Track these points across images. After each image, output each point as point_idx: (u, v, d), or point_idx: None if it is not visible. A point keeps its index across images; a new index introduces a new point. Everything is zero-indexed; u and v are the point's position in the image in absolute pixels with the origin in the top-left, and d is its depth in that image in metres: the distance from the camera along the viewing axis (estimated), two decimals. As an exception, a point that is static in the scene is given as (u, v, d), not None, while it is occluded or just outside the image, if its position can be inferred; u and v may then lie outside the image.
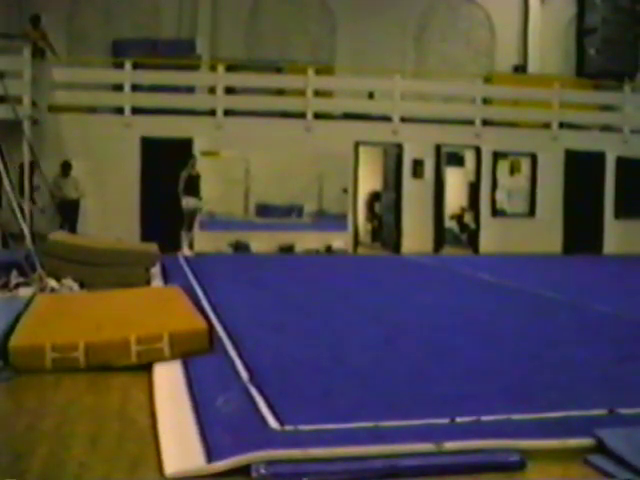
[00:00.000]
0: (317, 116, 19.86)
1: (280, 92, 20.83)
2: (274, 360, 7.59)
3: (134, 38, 21.65)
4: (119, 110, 19.18)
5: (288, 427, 5.44)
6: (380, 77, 21.14)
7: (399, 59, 23.65)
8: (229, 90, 19.97)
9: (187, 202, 18.10)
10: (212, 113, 19.49)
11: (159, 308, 9.20)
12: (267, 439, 5.20)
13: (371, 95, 21.63)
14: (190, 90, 20.61)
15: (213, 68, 20.11)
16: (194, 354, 7.49)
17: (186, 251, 17.94)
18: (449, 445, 5.16)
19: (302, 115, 19.75)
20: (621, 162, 21.63)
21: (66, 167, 18.13)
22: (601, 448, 5.28)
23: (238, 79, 20.54)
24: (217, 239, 19.13)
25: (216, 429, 5.40)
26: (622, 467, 5.02)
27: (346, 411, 5.90)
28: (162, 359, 7.34)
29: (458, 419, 5.68)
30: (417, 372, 7.33)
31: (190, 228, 18.36)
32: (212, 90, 19.89)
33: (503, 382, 7.05)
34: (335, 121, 20.25)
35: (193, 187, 18.18)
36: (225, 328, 8.90)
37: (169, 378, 6.89)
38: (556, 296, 12.85)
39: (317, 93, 20.09)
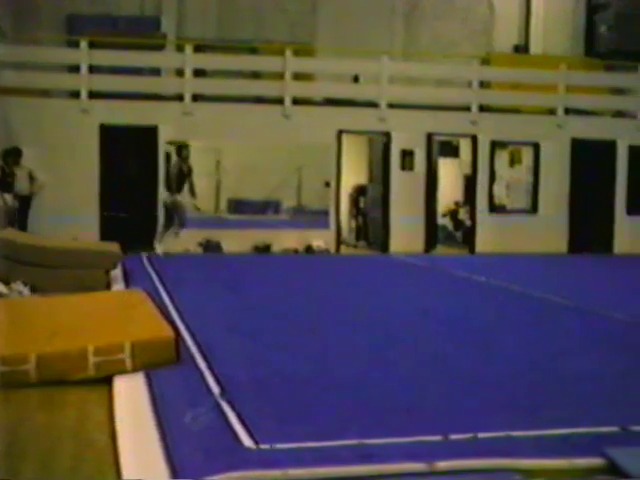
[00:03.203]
0: (296, 102, 19.84)
1: (255, 75, 20.81)
2: (248, 372, 7.58)
3: (91, 14, 21.56)
4: (75, 94, 19.10)
5: (264, 446, 5.44)
6: (366, 59, 21.13)
7: (387, 39, 23.66)
8: (198, 73, 19.92)
9: (180, 198, 18.17)
10: (179, 98, 19.43)
11: (120, 315, 9.15)
12: (240, 459, 5.20)
13: (356, 79, 21.62)
14: (155, 72, 20.57)
15: (180, 48, 20.06)
16: (159, 366, 7.46)
17: (159, 249, 17.95)
18: (442, 465, 5.17)
19: (279, 101, 19.73)
20: (634, 152, 21.68)
21: (13, 154, 17.76)
22: (612, 468, 5.30)
23: (208, 61, 20.49)
24: (185, 238, 19.05)
25: (183, 449, 5.39)
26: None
27: (329, 428, 5.90)
28: (123, 371, 7.31)
29: (452, 436, 5.70)
30: (407, 385, 7.34)
31: (168, 227, 18.37)
32: (179, 73, 19.83)
33: (502, 395, 7.07)
34: (316, 107, 20.24)
35: (182, 182, 18.21)
36: (194, 337, 8.89)
37: (131, 393, 6.86)
38: (561, 300, 12.89)
39: (296, 76, 20.05)
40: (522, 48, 24.72)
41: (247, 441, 5.54)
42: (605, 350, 9.27)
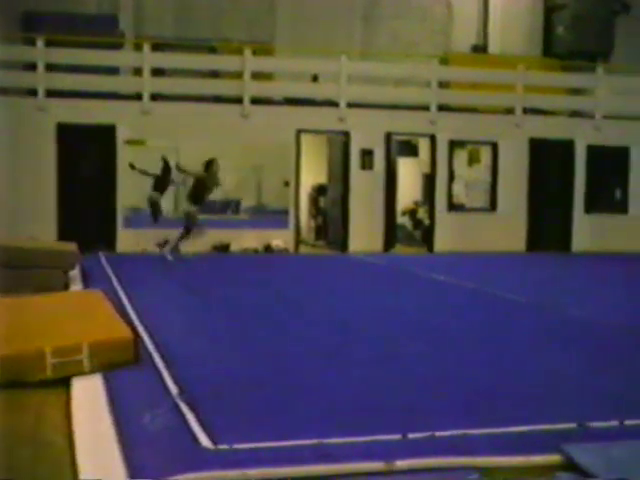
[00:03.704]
0: (255, 101, 19.82)
1: (214, 74, 20.75)
2: (207, 372, 7.56)
3: (48, 11, 21.34)
4: (31, 92, 18.95)
5: (222, 446, 5.43)
6: (325, 58, 21.15)
7: (346, 38, 23.65)
8: (157, 72, 19.84)
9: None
10: (138, 97, 19.34)
11: (78, 315, 9.11)
12: (199, 459, 5.18)
13: (315, 78, 21.62)
14: (113, 71, 20.43)
15: (138, 47, 19.96)
16: (117, 367, 7.43)
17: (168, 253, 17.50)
18: (400, 463, 5.19)
19: (238, 100, 19.70)
20: (592, 151, 21.88)
21: None
22: (570, 465, 5.34)
23: (166, 59, 20.40)
24: (142, 238, 18.97)
25: (141, 450, 5.37)
26: (594, 485, 5.09)
27: (287, 428, 5.89)
28: (81, 373, 7.28)
29: (410, 435, 5.71)
30: (366, 384, 7.35)
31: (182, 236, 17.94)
32: (137, 71, 19.75)
33: (460, 393, 7.10)
34: (275, 107, 20.23)
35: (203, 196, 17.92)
36: (153, 337, 8.85)
37: (89, 394, 6.83)
38: (520, 299, 12.99)
39: (255, 76, 20.02)
40: (480, 48, 24.82)
41: (205, 441, 5.52)
42: (564, 348, 9.33)
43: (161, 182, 20.49)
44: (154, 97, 19.37)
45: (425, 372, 7.85)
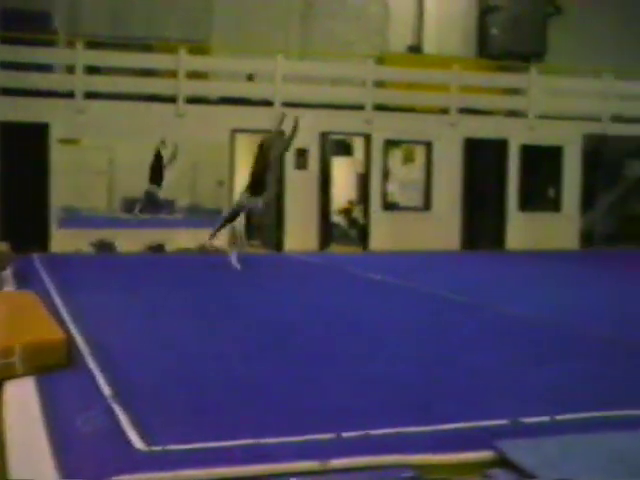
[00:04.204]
0: (190, 100, 19.72)
1: (149, 73, 20.59)
2: (141, 374, 7.52)
3: (-21, 7, 21.05)
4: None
5: (156, 447, 5.41)
6: (261, 58, 21.11)
7: (282, 38, 23.65)
8: (91, 70, 19.63)
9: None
10: (71, 95, 19.12)
11: (10, 317, 9.01)
12: (132, 461, 5.17)
13: (251, 77, 21.57)
14: (46, 69, 20.17)
15: (71, 45, 19.74)
16: (51, 369, 7.36)
17: (234, 260, 16.40)
18: (335, 462, 5.21)
19: (173, 99, 19.58)
20: (526, 150, 22.14)
21: None
22: (503, 461, 5.38)
23: (100, 57, 20.15)
24: (77, 238, 18.79)
25: (73, 452, 5.34)
26: (525, 480, 5.13)
27: (222, 428, 5.90)
28: (13, 375, 7.21)
29: (344, 434, 5.73)
30: (301, 383, 7.36)
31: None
32: (71, 69, 19.51)
33: (395, 391, 7.14)
34: (210, 106, 20.13)
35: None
36: (86, 339, 8.79)
37: (21, 397, 6.77)
38: (454, 296, 13.08)
39: (190, 75, 19.93)
40: (416, 48, 24.98)
41: (138, 443, 5.49)
42: (498, 345, 9.42)
43: (156, 174, 20.41)
44: (88, 95, 19.15)
45: (359, 371, 7.87)
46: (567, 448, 5.60)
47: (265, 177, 16.61)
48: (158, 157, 20.40)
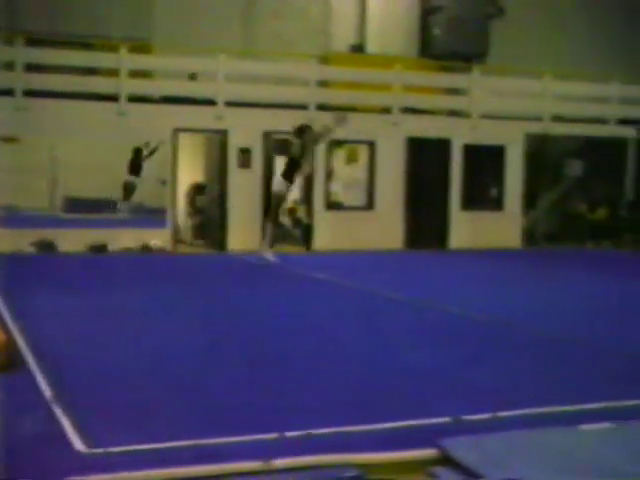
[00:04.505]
0: (132, 99, 19.56)
1: (90, 71, 20.39)
2: (83, 375, 7.46)
3: None
4: None
5: (97, 450, 5.36)
6: (203, 56, 21.01)
7: (225, 37, 23.52)
8: (31, 67, 19.38)
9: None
10: (10, 93, 18.86)
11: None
12: (72, 463, 5.12)
13: (193, 77, 21.46)
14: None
15: (10, 42, 19.47)
16: (-10, 370, 7.26)
17: (267, 252, 16.51)
18: (278, 462, 5.19)
19: (115, 98, 19.41)
20: (469, 150, 22.29)
21: None
22: (446, 459, 5.41)
23: (40, 55, 19.90)
24: (17, 237, 18.54)
25: (13, 455, 5.24)
26: (467, 477, 5.15)
27: (165, 429, 5.87)
28: (-49, 377, 7.08)
29: (288, 434, 5.71)
30: (243, 383, 7.35)
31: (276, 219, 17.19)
32: (10, 66, 19.24)
33: (338, 391, 7.15)
34: (152, 105, 19.98)
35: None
36: (28, 340, 8.69)
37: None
38: (397, 296, 13.12)
39: (132, 73, 19.77)
40: (359, 48, 25.00)
41: (79, 445, 5.44)
42: (440, 344, 9.47)
43: (135, 167, 20.47)
44: (29, 93, 18.91)
45: (302, 371, 7.88)
46: (509, 445, 5.65)
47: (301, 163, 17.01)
48: (138, 153, 20.46)
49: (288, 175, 17.16)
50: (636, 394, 7.13)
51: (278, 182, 17.26)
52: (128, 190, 21.21)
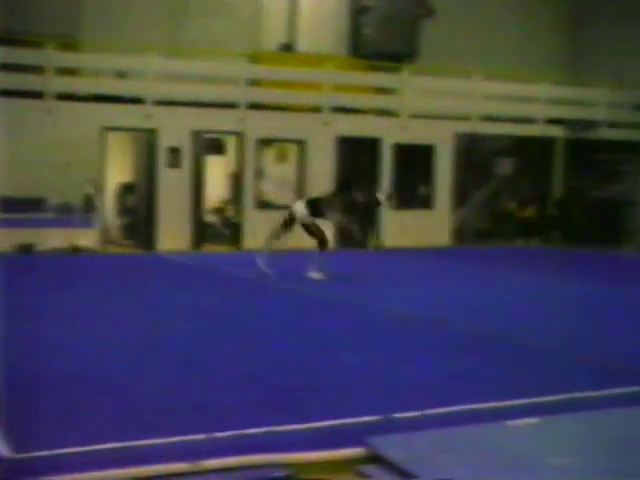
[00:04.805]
0: (59, 97, 19.32)
1: (17, 68, 20.09)
2: (6, 378, 7.31)
3: None
4: None
5: (21, 454, 5.28)
6: (132, 54, 20.81)
7: (154, 35, 23.32)
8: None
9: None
10: None
11: None
12: (-3, 469, 5.02)
13: (122, 75, 21.26)
14: None
15: None
16: None
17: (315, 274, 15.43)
18: (207, 463, 5.16)
19: (41, 95, 19.15)
20: (399, 149, 22.40)
21: None
22: (375, 457, 5.43)
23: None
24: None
25: None
26: (397, 475, 5.17)
27: (91, 432, 5.80)
28: None
29: (217, 434, 5.68)
30: (172, 384, 7.31)
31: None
32: None
33: (267, 391, 7.14)
34: (80, 103, 19.77)
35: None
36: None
37: None
38: (327, 295, 13.15)
39: (60, 70, 19.52)
40: (289, 47, 24.96)
41: (3, 450, 5.35)
42: (369, 343, 9.51)
43: None
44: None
45: (231, 371, 7.85)
46: (438, 442, 5.69)
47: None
48: None
49: (313, 212, 16.10)
50: (563, 389, 7.24)
51: (302, 210, 16.14)
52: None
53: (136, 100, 20.09)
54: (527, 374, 8.07)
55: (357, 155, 22.12)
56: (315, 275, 15.32)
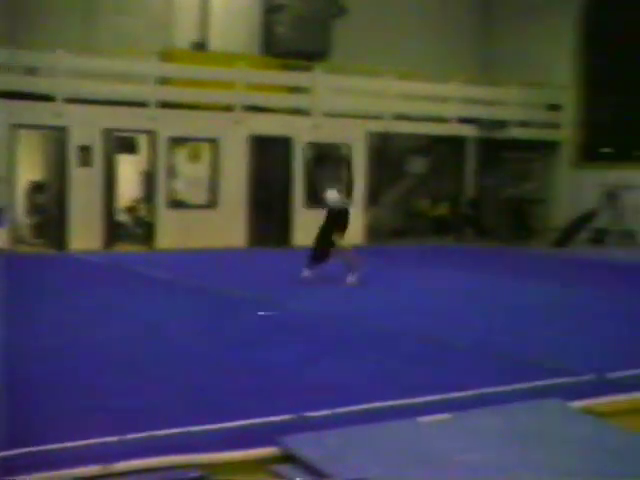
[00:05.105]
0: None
1: None
2: None
3: None
4: None
5: None
6: (42, 51, 20.50)
7: (65, 31, 22.99)
8: None
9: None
10: None
11: None
12: None
13: (32, 71, 20.94)
14: None
15: None
16: None
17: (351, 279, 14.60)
18: (119, 466, 5.12)
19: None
20: (312, 148, 22.44)
21: None
22: (288, 456, 5.45)
23: None
24: None
25: None
26: (310, 474, 5.20)
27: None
28: None
29: (129, 436, 5.64)
30: (83, 385, 7.22)
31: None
32: None
33: (179, 390, 7.11)
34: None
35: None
36: None
37: None
38: (241, 294, 13.14)
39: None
40: (201, 45, 24.80)
41: None
42: (280, 340, 9.53)
43: None
44: None
45: (145, 372, 7.80)
46: (350, 440, 5.72)
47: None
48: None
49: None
50: (473, 385, 7.35)
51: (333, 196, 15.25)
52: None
53: (46, 98, 19.82)
54: (438, 371, 8.16)
55: (270, 154, 22.13)
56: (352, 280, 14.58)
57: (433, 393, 7.01)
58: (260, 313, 12.76)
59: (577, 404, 6.81)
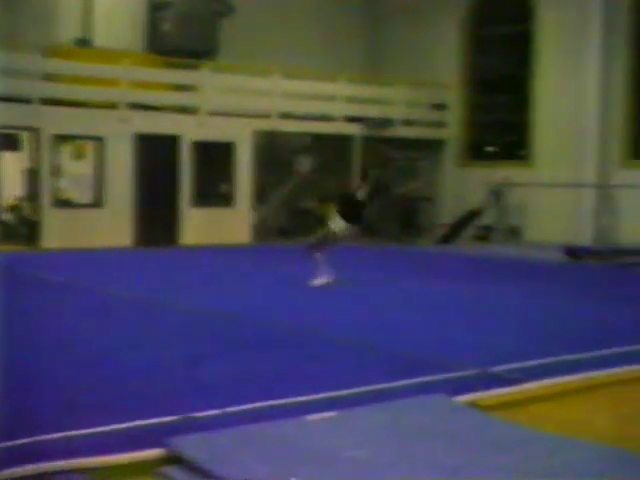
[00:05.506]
0: None
1: None
2: None
3: None
4: None
5: None
6: None
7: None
8: None
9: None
10: None
11: None
12: None
13: None
14: None
15: None
16: None
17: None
18: (3, 473, 5.01)
19: None
20: (198, 146, 22.36)
21: None
22: (175, 458, 5.42)
23: None
24: None
25: None
26: (197, 476, 5.19)
27: None
28: None
29: (12, 442, 5.53)
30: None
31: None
32: None
33: (63, 393, 7.03)
34: None
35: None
36: None
37: None
38: (127, 294, 13.02)
39: None
40: (85, 41, 24.42)
41: None
42: (166, 341, 9.49)
43: None
44: None
45: (28, 373, 7.67)
46: (238, 440, 5.73)
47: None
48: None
49: (351, 217, 15.53)
50: (360, 382, 7.43)
51: (340, 225, 15.27)
52: None
53: None
54: (325, 368, 8.22)
55: (156, 152, 21.94)
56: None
57: (321, 391, 7.06)
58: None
59: (462, 398, 6.95)
